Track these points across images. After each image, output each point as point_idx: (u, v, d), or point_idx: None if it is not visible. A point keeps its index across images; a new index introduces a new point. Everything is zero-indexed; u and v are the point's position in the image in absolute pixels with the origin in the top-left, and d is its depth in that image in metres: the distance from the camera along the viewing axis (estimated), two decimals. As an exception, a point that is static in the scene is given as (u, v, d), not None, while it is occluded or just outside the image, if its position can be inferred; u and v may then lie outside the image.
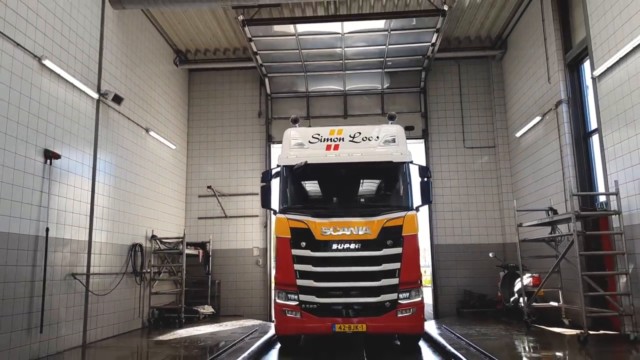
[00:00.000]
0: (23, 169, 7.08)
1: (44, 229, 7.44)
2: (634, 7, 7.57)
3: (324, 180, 8.60)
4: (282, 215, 7.93)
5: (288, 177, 8.22)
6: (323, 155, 8.17)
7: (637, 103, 7.58)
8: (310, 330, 7.55)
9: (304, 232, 7.67)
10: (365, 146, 8.28)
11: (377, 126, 8.75)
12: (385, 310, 7.43)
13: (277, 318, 7.85)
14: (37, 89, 7.50)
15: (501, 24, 12.71)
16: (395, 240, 7.58)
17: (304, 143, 8.38)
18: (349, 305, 7.47)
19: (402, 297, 7.49)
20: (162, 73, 12.65)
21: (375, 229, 7.60)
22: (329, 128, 8.53)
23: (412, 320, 7.47)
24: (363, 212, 7.85)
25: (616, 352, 7.19)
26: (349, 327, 7.36)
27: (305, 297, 7.52)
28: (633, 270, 7.79)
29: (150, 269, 11.17)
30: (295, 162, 8.05)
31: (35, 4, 7.53)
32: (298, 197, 8.46)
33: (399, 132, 8.45)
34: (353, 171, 8.32)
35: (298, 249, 7.65)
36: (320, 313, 7.47)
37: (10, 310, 6.69)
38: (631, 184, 7.79)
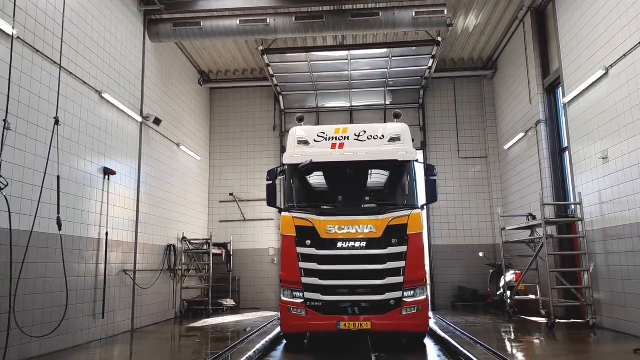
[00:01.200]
0: (89, 184, 8.69)
1: (104, 233, 9.05)
2: (597, 45, 9.05)
3: (329, 178, 8.60)
4: (287, 214, 7.92)
5: (293, 176, 8.19)
6: (328, 154, 8.12)
7: (597, 128, 9.09)
8: (315, 327, 7.55)
9: (309, 231, 7.66)
10: (371, 145, 8.19)
11: (383, 124, 8.73)
12: (390, 309, 7.43)
13: (282, 315, 7.80)
14: (98, 118, 9.11)
15: (491, 48, 14.23)
16: (400, 239, 7.57)
17: (309, 141, 8.31)
18: (354, 303, 7.49)
19: (407, 295, 7.47)
20: (189, 92, 14.26)
21: (380, 227, 7.57)
22: (334, 126, 8.51)
23: (416, 318, 7.45)
24: (368, 211, 7.92)
25: (573, 334, 8.68)
26: (354, 324, 7.37)
27: (311, 295, 7.52)
28: (593, 268, 9.31)
29: (181, 267, 12.78)
30: (301, 160, 8.01)
31: (96, 48, 9.13)
32: (303, 196, 8.38)
33: (404, 130, 8.36)
34: (358, 169, 8.34)
35: (303, 247, 7.65)
36: (325, 311, 7.47)
37: (81, 299, 8.29)
38: (592, 196, 9.30)
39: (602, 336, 8.27)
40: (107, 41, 9.56)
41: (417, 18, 10.98)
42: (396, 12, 11.04)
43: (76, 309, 8.09)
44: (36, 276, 7.14)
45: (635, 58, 7.83)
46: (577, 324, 9.69)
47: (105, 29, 9.50)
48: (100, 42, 9.30)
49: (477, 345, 7.49)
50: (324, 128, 8.53)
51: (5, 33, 6.72)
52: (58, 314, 7.42)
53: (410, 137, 8.34)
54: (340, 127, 8.47)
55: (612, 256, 8.70)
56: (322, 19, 11.14)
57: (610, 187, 8.70)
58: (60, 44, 7.82)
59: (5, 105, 6.55)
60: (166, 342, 9.07)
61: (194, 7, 11.33)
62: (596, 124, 9.14)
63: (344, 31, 11.37)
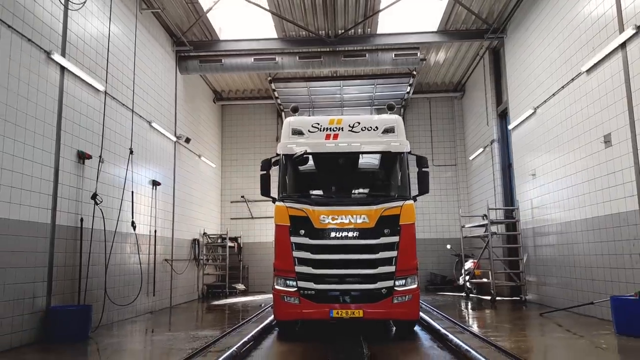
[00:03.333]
0: (145, 194, 11.40)
1: (154, 231, 11.78)
2: (530, 88, 11.88)
3: (323, 169, 8.69)
4: (281, 204, 7.95)
5: (287, 166, 8.23)
6: (322, 145, 8.15)
7: (529, 151, 12.00)
8: (308, 315, 7.57)
9: (302, 220, 7.71)
10: (364, 136, 8.20)
11: (377, 116, 8.78)
12: (382, 297, 7.49)
13: (275, 303, 7.86)
14: (149, 142, 11.81)
15: (460, 75, 17.09)
16: (393, 229, 7.63)
17: (304, 132, 8.30)
18: (346, 292, 7.57)
19: (398, 285, 7.55)
20: (205, 109, 16.94)
21: (373, 217, 7.63)
22: (328, 117, 8.50)
23: (407, 306, 7.55)
24: (361, 201, 8.03)
25: (508, 306, 11.60)
26: (346, 313, 7.43)
27: (304, 284, 7.58)
28: (526, 257, 12.27)
29: (203, 257, 15.56)
30: (295, 150, 8.07)
31: (147, 87, 11.80)
32: (297, 186, 8.45)
33: (397, 122, 8.40)
34: (352, 160, 8.43)
35: (297, 237, 7.69)
36: (318, 299, 7.53)
37: (138, 281, 11.01)
38: (526, 202, 12.24)
39: (527, 307, 11.22)
40: (152, 80, 12.23)
41: (396, 59, 13.80)
42: (379, 54, 13.84)
43: (141, 288, 10.83)
44: (116, 263, 9.86)
45: (552, 103, 10.68)
46: (514, 300, 12.66)
47: (152, 71, 12.18)
48: (149, 81, 11.97)
49: (439, 315, 10.38)
50: (318, 119, 8.57)
51: (97, 90, 9.39)
52: (129, 290, 10.17)
53: (404, 129, 8.45)
54: (335, 118, 8.46)
55: (539, 248, 11.65)
56: (320, 58, 13.91)
57: (538, 196, 11.62)
58: (133, 95, 10.51)
59: (100, 143, 9.28)
60: (199, 314, 11.84)
61: (217, 47, 14.02)
62: (529, 148, 12.05)
63: (338, 67, 14.19)
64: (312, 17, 13.02)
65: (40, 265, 7.66)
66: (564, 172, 10.20)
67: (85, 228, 8.76)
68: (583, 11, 9.23)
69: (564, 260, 10.34)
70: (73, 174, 8.56)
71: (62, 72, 8.36)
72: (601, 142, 8.65)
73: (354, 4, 12.43)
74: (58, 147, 8.15)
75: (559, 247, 10.58)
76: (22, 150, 7.28)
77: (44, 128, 7.83)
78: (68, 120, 8.45)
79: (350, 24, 13.26)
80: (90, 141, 9.14)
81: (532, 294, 12.09)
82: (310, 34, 13.51)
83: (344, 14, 12.88)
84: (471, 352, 6.08)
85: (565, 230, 10.26)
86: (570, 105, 9.85)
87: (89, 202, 8.87)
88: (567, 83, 9.88)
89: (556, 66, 10.39)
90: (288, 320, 7.95)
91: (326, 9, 12.55)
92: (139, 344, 7.99)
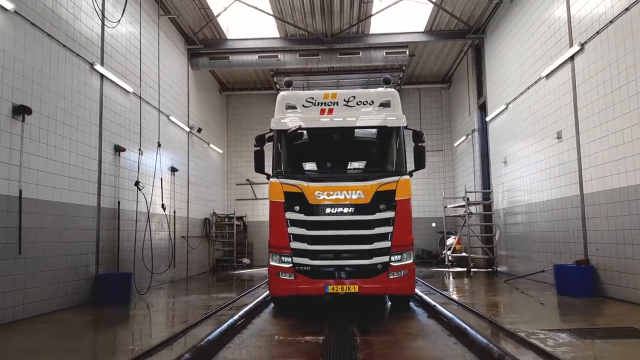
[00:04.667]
0: (165, 179, 13.04)
1: (173, 212, 13.46)
2: (504, 86, 13.47)
3: (317, 144, 8.61)
4: (275, 180, 7.88)
5: (281, 142, 8.11)
6: (317, 119, 8.05)
7: (502, 142, 13.65)
8: (303, 291, 7.59)
9: (297, 197, 7.65)
10: (360, 110, 8.08)
11: (372, 90, 8.62)
12: (377, 272, 7.50)
13: (271, 280, 7.87)
14: (169, 134, 13.40)
15: (446, 68, 18.62)
16: (388, 205, 7.60)
17: (298, 107, 8.17)
18: (341, 268, 7.55)
19: (394, 260, 7.55)
20: (212, 100, 18.47)
21: (368, 193, 7.57)
22: (323, 92, 8.36)
23: (402, 281, 7.58)
24: (357, 177, 7.98)
25: (481, 276, 13.39)
26: (342, 288, 7.44)
27: (299, 260, 7.57)
28: (498, 234, 14.05)
29: (213, 234, 17.30)
30: (289, 126, 7.96)
31: (166, 85, 13.33)
32: (291, 162, 8.37)
33: (393, 96, 8.28)
34: (347, 135, 8.31)
35: (292, 213, 7.65)
36: (313, 275, 7.53)
37: (164, 255, 12.72)
38: (499, 186, 13.96)
39: (497, 276, 13.03)
40: (170, 78, 13.77)
41: (387, 56, 15.33)
42: (372, 52, 15.36)
43: (162, 261, 12.55)
44: (147, 239, 11.54)
45: (520, 101, 12.28)
46: (488, 271, 14.48)
47: (169, 70, 13.71)
48: (168, 80, 13.51)
49: (420, 282, 12.14)
50: (312, 93, 8.41)
51: (127, 91, 10.95)
52: (157, 262, 11.90)
53: (400, 103, 8.32)
54: (330, 92, 8.30)
55: (509, 226, 13.41)
56: (318, 55, 15.42)
57: (508, 181, 13.32)
58: (158, 96, 12.08)
59: (139, 139, 10.91)
60: (214, 282, 13.61)
61: (225, 45, 15.50)
62: (502, 139, 13.71)
63: (334, 64, 15.71)
64: (311, 20, 14.50)
65: (91, 240, 9.36)
66: (527, 162, 11.88)
67: (121, 210, 10.44)
68: (544, 24, 10.77)
69: (526, 237, 12.10)
70: (111, 164, 10.20)
71: (102, 79, 9.93)
72: (554, 137, 10.31)
73: (349, 9, 13.91)
74: (100, 143, 9.77)
75: (523, 225, 12.33)
76: (76, 147, 8.90)
77: (90, 127, 9.44)
78: (106, 119, 10.04)
79: (346, 25, 14.75)
80: (124, 136, 10.74)
81: (502, 265, 13.89)
82: (309, 34, 15.00)
83: (339, 17, 14.36)
84: (437, 307, 7.82)
85: (528, 210, 11.99)
86: (533, 104, 11.47)
87: (124, 188, 10.54)
88: (531, 85, 11.48)
89: (524, 69, 11.97)
90: (283, 296, 8.01)
91: (324, 12, 14.02)
92: (176, 303, 9.73)
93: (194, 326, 6.72)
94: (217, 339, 5.83)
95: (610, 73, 8.26)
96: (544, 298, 8.90)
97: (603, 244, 8.67)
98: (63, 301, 8.41)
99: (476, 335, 5.58)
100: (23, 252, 7.29)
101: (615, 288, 8.35)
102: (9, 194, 7.11)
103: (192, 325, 6.76)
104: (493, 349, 4.93)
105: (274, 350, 5.57)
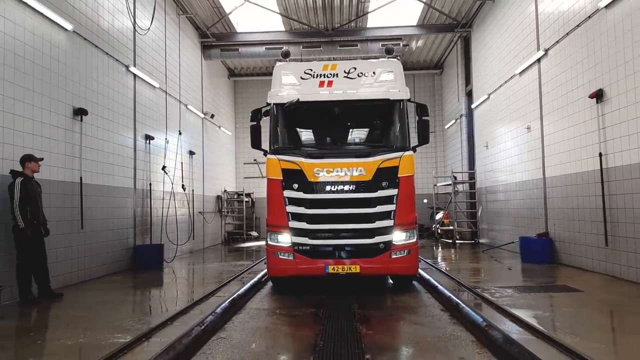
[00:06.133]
0: (185, 162, 14.70)
1: (191, 190, 15.17)
2: (487, 77, 14.99)
3: (317, 118, 8.32)
4: (272, 156, 7.62)
5: (279, 116, 7.82)
6: (316, 92, 7.73)
7: (484, 128, 15.27)
8: (303, 271, 7.42)
9: (295, 174, 7.40)
10: (361, 82, 7.79)
11: (374, 61, 8.36)
12: (379, 252, 7.32)
13: (269, 259, 7.70)
14: (187, 121, 15.00)
15: (438, 56, 20.06)
16: (391, 182, 7.34)
17: (296, 79, 7.88)
18: (342, 247, 7.36)
19: (397, 239, 7.38)
20: (222, 85, 19.98)
21: (370, 169, 7.31)
22: (322, 63, 8.06)
23: (405, 261, 7.41)
24: (358, 153, 7.59)
25: (464, 247, 15.20)
26: (342, 268, 7.27)
27: (298, 239, 7.39)
28: (481, 210, 15.81)
29: (224, 210, 19.07)
30: (286, 99, 7.67)
31: (184, 78, 14.86)
32: (289, 137, 8.17)
33: (396, 67, 7.98)
34: (347, 109, 7.88)
35: (290, 191, 7.42)
36: (313, 255, 7.36)
37: (185, 228, 14.48)
38: (482, 167, 15.64)
39: (478, 247, 14.83)
40: (187, 70, 15.29)
41: (383, 48, 16.72)
42: (369, 44, 16.82)
43: (185, 234, 14.32)
44: (171, 215, 13.28)
45: (499, 92, 13.83)
46: (471, 242, 16.29)
47: (187, 64, 15.22)
48: (185, 72, 15.05)
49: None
50: (311, 65, 8.10)
51: (153, 86, 12.51)
52: (180, 235, 13.67)
53: (403, 75, 8.01)
54: (329, 63, 8.03)
55: (490, 203, 15.15)
56: (320, 47, 16.89)
57: (489, 163, 15.00)
58: (179, 89, 13.64)
59: (164, 128, 12.56)
60: (229, 252, 15.43)
61: (235, 38, 16.95)
62: (484, 125, 15.33)
63: (335, 55, 17.17)
64: (313, 15, 15.91)
65: (129, 217, 11.10)
66: (504, 147, 13.53)
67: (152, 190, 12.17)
68: (518, 27, 12.25)
69: (503, 212, 13.84)
70: (143, 151, 11.85)
71: (134, 78, 11.49)
72: (525, 127, 11.94)
73: (348, 6, 15.32)
74: (135, 133, 11.41)
75: (501, 202, 14.07)
76: (117, 139, 10.55)
77: (127, 121, 11.06)
78: (139, 113, 11.64)
79: (345, 20, 16.17)
80: (152, 126, 12.37)
81: (484, 237, 15.69)
82: (312, 28, 16.43)
83: (339, 13, 15.77)
84: (420, 272, 9.51)
85: (505, 190, 13.70)
86: (510, 96, 13.04)
87: (153, 171, 12.23)
88: (508, 79, 13.03)
89: (503, 64, 13.48)
90: (282, 277, 7.84)
91: (325, 9, 15.45)
92: (204, 269, 11.49)
93: (225, 284, 8.51)
94: (244, 294, 7.57)
95: (566, 77, 9.84)
96: (510, 264, 10.68)
97: (559, 219, 10.42)
98: (111, 267, 10.19)
99: (444, 290, 7.28)
100: (84, 227, 9.03)
101: (567, 256, 10.13)
102: (73, 180, 8.80)
103: (224, 284, 8.56)
104: (452, 299, 6.67)
105: (288, 302, 7.29)
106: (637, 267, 7.71)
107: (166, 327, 5.60)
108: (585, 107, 9.10)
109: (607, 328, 5.61)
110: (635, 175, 7.67)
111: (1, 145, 7.05)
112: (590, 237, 9.07)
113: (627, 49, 7.78)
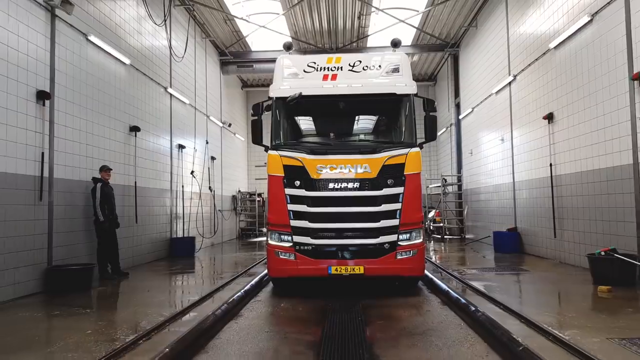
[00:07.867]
0: (209, 166, 16.88)
1: (213, 191, 17.36)
2: (472, 92, 17.12)
3: (320, 113, 8.10)
4: (274, 152, 7.37)
5: (281, 111, 7.60)
6: (319, 86, 7.47)
7: (469, 137, 17.41)
8: (305, 272, 7.18)
9: (298, 170, 7.16)
10: (366, 76, 7.57)
11: (380, 54, 8.11)
12: (384, 252, 7.09)
13: (269, 259, 7.46)
14: (209, 130, 17.19)
15: (432, 69, 22.23)
16: (397, 180, 7.10)
17: (299, 72, 7.65)
18: (345, 247, 7.13)
19: (402, 239, 7.13)
20: (236, 95, 22.17)
21: (375, 167, 7.08)
22: (326, 56, 7.78)
23: (411, 262, 7.18)
24: (362, 149, 7.34)
25: (452, 242, 17.33)
26: (346, 269, 7.05)
27: (300, 239, 7.14)
28: (467, 209, 17.97)
29: (239, 208, 21.27)
30: (289, 93, 7.40)
31: (210, 94, 17.04)
32: (292, 132, 7.97)
33: (403, 60, 7.77)
34: (352, 104, 7.62)
35: (292, 189, 7.16)
36: (315, 255, 7.12)
37: (208, 224, 16.65)
38: (467, 171, 17.80)
39: (464, 241, 16.97)
40: (208, 84, 17.48)
41: (381, 65, 18.91)
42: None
43: (207, 229, 16.49)
44: (198, 212, 15.45)
45: (481, 107, 15.98)
46: (459, 238, 18.44)
47: (209, 80, 17.41)
48: (208, 88, 17.24)
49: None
50: (315, 57, 7.89)
51: (184, 103, 14.70)
52: (205, 230, 15.85)
53: (410, 69, 7.81)
54: (333, 56, 7.78)
55: (474, 203, 17.30)
56: (325, 64, 19.03)
57: (474, 167, 17.15)
58: (206, 104, 15.84)
59: (193, 137, 14.74)
60: (245, 246, 17.60)
61: (250, 56, 19.15)
62: (469, 134, 17.48)
63: (338, 71, 19.32)
64: (320, 37, 18.09)
65: (167, 214, 13.31)
66: (485, 154, 15.69)
67: (184, 191, 14.37)
68: (494, 54, 14.39)
69: (483, 211, 16.00)
70: (176, 158, 14.05)
71: (171, 97, 13.69)
72: (499, 139, 14.10)
73: (350, 30, 17.48)
74: (171, 143, 13.60)
75: (482, 202, 16.22)
76: (160, 148, 12.75)
77: (165, 133, 13.26)
78: (174, 127, 13.83)
79: (347, 41, 18.33)
80: (183, 137, 14.57)
81: (470, 233, 17.84)
82: (318, 47, 18.60)
83: (342, 35, 17.94)
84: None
85: (485, 191, 15.85)
86: (489, 111, 15.19)
87: (184, 175, 14.43)
88: (487, 97, 15.19)
89: (485, 82, 15.62)
90: (283, 277, 7.60)
91: (330, 33, 17.61)
92: (230, 258, 13.66)
93: (251, 268, 10.69)
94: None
95: (528, 100, 11.99)
96: (485, 254, 12.83)
97: (524, 217, 12.58)
98: (155, 255, 12.39)
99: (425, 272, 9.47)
100: (138, 222, 11.23)
101: (530, 247, 12.28)
102: (130, 184, 11.00)
103: (249, 267, 10.75)
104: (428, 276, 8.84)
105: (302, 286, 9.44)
106: (576, 254, 9.87)
107: (220, 291, 7.80)
108: (541, 126, 11.25)
109: (530, 290, 7.80)
110: (573, 182, 9.83)
111: (85, 158, 9.25)
112: (545, 230, 11.24)
113: (570, 82, 9.93)
